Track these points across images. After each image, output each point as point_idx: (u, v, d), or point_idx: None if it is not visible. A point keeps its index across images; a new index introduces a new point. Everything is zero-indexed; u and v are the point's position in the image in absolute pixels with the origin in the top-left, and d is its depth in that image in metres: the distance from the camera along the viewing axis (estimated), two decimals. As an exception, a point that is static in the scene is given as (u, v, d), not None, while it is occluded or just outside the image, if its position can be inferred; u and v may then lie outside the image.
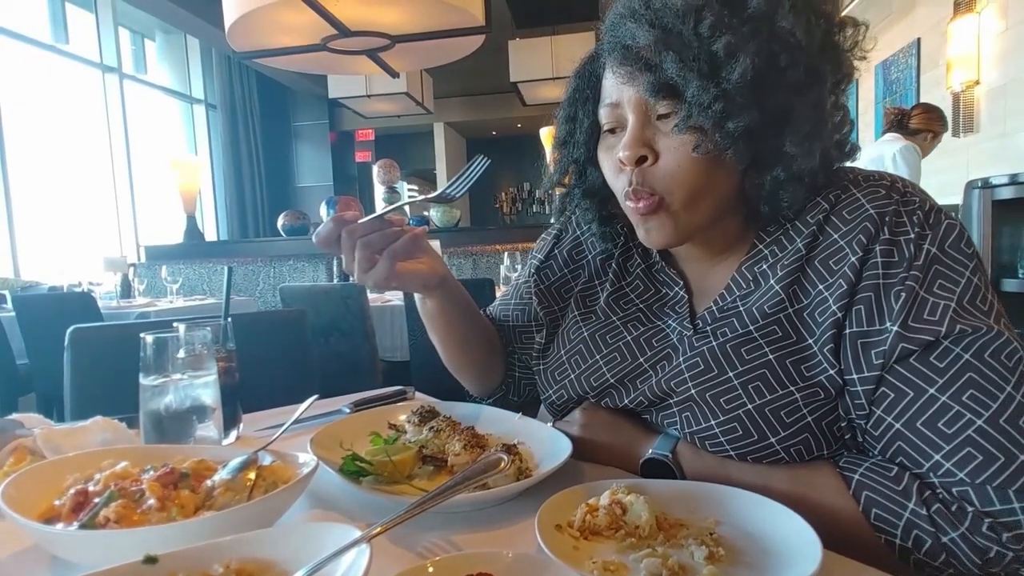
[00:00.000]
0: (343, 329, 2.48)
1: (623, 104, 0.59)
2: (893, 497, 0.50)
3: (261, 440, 0.64)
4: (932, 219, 0.54)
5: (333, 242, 0.64)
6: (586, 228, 0.79)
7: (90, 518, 0.45)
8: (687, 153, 0.55)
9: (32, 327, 2.71)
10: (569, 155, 0.69)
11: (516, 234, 4.26)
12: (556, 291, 0.79)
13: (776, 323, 0.57)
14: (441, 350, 0.81)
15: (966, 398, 0.48)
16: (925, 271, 0.52)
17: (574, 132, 0.68)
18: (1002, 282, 1.80)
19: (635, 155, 0.57)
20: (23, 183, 4.37)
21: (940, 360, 0.50)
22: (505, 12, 6.12)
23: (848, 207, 0.56)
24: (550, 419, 0.76)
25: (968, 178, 1.91)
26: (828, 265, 0.56)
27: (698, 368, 0.59)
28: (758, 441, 0.55)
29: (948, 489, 0.48)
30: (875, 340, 0.52)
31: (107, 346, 1.12)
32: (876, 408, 0.52)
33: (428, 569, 0.39)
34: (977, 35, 3.47)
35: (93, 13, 5.19)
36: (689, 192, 0.57)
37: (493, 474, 0.51)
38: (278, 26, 2.62)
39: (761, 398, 0.55)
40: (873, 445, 0.53)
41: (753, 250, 0.61)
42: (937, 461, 0.49)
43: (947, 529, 0.47)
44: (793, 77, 0.53)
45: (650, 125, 0.57)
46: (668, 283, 0.69)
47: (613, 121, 0.60)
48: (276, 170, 7.52)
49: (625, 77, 0.57)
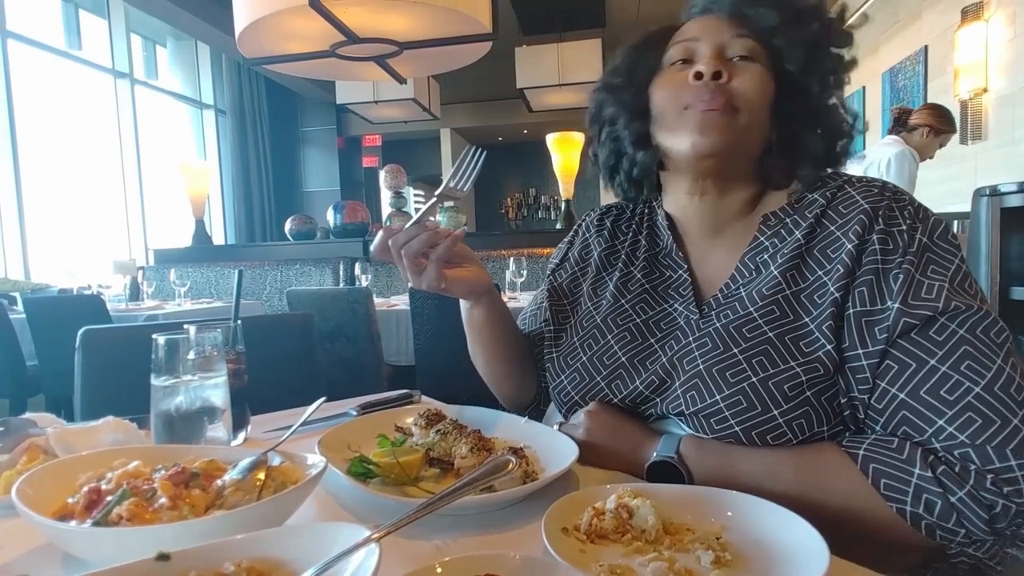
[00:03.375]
0: (349, 333, 2.49)
1: (701, 39, 0.67)
2: (899, 466, 0.53)
3: (269, 442, 0.64)
4: (921, 214, 0.61)
5: (385, 251, 0.69)
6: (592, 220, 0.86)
7: (103, 516, 0.46)
8: (758, 83, 0.65)
9: (42, 329, 2.73)
10: (621, 89, 0.74)
11: (522, 239, 4.27)
12: (567, 287, 0.84)
13: (775, 303, 0.62)
14: (483, 362, 0.86)
15: (964, 368, 0.53)
16: (919, 257, 0.58)
17: (635, 68, 0.73)
18: (1011, 290, 1.79)
19: (714, 68, 0.64)
20: (35, 186, 4.42)
21: (939, 334, 0.55)
22: (512, 19, 6.16)
23: (844, 202, 0.63)
24: (555, 424, 0.76)
25: (976, 185, 1.90)
26: (826, 253, 0.62)
27: (707, 346, 0.64)
28: (761, 413, 0.58)
29: (951, 451, 0.52)
30: (878, 318, 0.57)
31: (118, 347, 1.13)
32: (880, 381, 0.57)
33: (436, 570, 0.39)
34: (985, 43, 3.46)
35: (106, 20, 5.26)
36: (754, 112, 0.65)
37: (500, 476, 0.51)
38: (287, 33, 2.65)
39: (764, 371, 0.59)
40: (876, 419, 0.57)
41: (754, 242, 0.68)
42: (940, 426, 0.53)
43: (954, 488, 0.51)
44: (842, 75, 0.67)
45: (724, 58, 0.66)
46: (672, 266, 0.75)
47: (685, 53, 0.68)
48: (284, 175, 7.58)
49: (714, 21, 0.68)
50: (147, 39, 5.99)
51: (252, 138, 6.87)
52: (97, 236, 5.16)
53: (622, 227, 0.83)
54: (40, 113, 4.58)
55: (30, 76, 4.51)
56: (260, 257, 4.31)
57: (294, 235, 4.37)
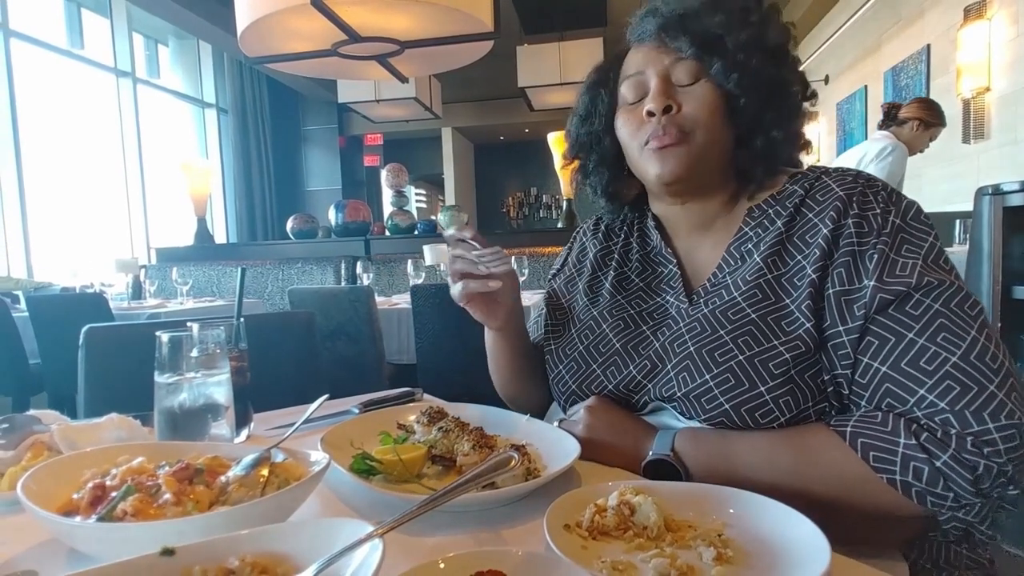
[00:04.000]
0: (350, 332, 2.50)
1: (647, 72, 0.71)
2: (885, 437, 0.56)
3: (272, 439, 0.65)
4: (894, 198, 0.64)
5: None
6: (589, 225, 0.92)
7: (108, 511, 0.46)
8: (708, 101, 0.68)
9: (45, 327, 2.74)
10: (589, 127, 0.81)
11: (523, 238, 4.27)
12: (565, 287, 0.89)
13: (757, 287, 0.66)
14: (496, 377, 0.90)
15: (940, 339, 0.56)
16: (893, 237, 0.61)
17: (596, 106, 0.79)
18: (1013, 289, 1.79)
19: (662, 104, 0.68)
20: (38, 185, 4.43)
21: (915, 309, 0.58)
22: (514, 18, 6.15)
23: (820, 191, 0.67)
24: (556, 421, 0.76)
25: (979, 185, 1.90)
26: (804, 239, 0.66)
27: (695, 330, 0.67)
28: (749, 390, 0.61)
29: (932, 418, 0.55)
30: (856, 296, 0.60)
31: (121, 345, 1.13)
32: (863, 356, 0.59)
33: (439, 565, 0.39)
34: (987, 42, 3.45)
35: (108, 19, 5.27)
36: (709, 132, 0.69)
37: (502, 473, 0.52)
38: (289, 32, 2.65)
39: (750, 350, 0.62)
40: (860, 394, 0.60)
41: (739, 233, 0.72)
42: (921, 395, 0.56)
43: (938, 453, 0.54)
44: (790, 61, 0.71)
45: (671, 86, 0.70)
46: (663, 262, 0.79)
47: (636, 91, 0.73)
48: (285, 174, 7.58)
49: (654, 47, 0.71)
50: (149, 38, 6.00)
51: (254, 137, 6.87)
52: (100, 235, 5.17)
53: (615, 229, 0.88)
54: (43, 112, 4.59)
55: (33, 75, 4.52)
56: (262, 256, 4.32)
57: (296, 234, 4.37)
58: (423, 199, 11.65)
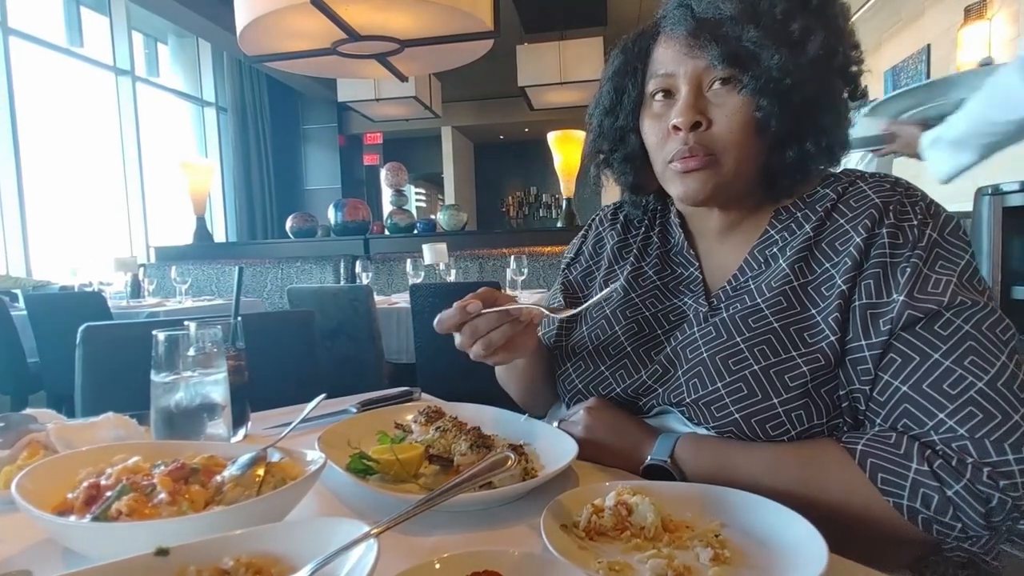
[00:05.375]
0: (349, 331, 2.49)
1: (678, 75, 0.65)
2: (896, 460, 0.53)
3: (269, 438, 0.64)
4: (933, 210, 0.61)
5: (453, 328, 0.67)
6: (607, 214, 0.88)
7: (103, 511, 0.46)
8: (739, 119, 0.63)
9: (43, 326, 2.74)
10: (614, 121, 0.74)
11: (523, 238, 4.27)
12: (581, 280, 0.87)
13: (782, 295, 0.63)
14: (515, 391, 0.88)
15: (967, 363, 0.53)
16: (928, 252, 0.58)
17: (621, 100, 0.73)
18: (1012, 289, 1.79)
19: (690, 120, 0.63)
20: (37, 184, 4.42)
21: (944, 329, 0.55)
22: (514, 17, 6.15)
23: (854, 197, 0.63)
24: (554, 421, 0.76)
25: (978, 185, 1.89)
26: (834, 246, 0.62)
27: (711, 335, 0.65)
28: (761, 401, 0.59)
29: (948, 445, 0.52)
30: (883, 310, 0.57)
31: (118, 344, 1.13)
32: (883, 374, 0.57)
33: (435, 566, 0.39)
34: (988, 41, 3.45)
35: (107, 17, 5.26)
36: (738, 153, 0.64)
37: (499, 473, 0.52)
38: (289, 30, 2.65)
39: (766, 360, 0.60)
40: (877, 411, 0.57)
41: (764, 235, 0.68)
42: (940, 419, 0.53)
43: (951, 482, 0.51)
44: (837, 65, 0.63)
45: (702, 96, 0.64)
46: (684, 264, 0.76)
47: (664, 93, 0.67)
48: (285, 173, 7.57)
49: (686, 48, 0.64)
50: (148, 36, 5.98)
51: (253, 136, 6.86)
52: (98, 233, 5.16)
53: (635, 221, 0.84)
54: (42, 110, 4.58)
55: (32, 73, 4.51)
56: (261, 255, 4.31)
57: (295, 233, 4.37)
58: (423, 198, 11.64)
